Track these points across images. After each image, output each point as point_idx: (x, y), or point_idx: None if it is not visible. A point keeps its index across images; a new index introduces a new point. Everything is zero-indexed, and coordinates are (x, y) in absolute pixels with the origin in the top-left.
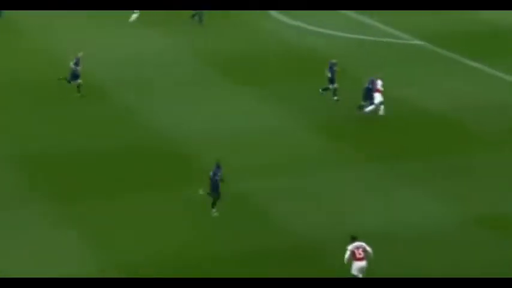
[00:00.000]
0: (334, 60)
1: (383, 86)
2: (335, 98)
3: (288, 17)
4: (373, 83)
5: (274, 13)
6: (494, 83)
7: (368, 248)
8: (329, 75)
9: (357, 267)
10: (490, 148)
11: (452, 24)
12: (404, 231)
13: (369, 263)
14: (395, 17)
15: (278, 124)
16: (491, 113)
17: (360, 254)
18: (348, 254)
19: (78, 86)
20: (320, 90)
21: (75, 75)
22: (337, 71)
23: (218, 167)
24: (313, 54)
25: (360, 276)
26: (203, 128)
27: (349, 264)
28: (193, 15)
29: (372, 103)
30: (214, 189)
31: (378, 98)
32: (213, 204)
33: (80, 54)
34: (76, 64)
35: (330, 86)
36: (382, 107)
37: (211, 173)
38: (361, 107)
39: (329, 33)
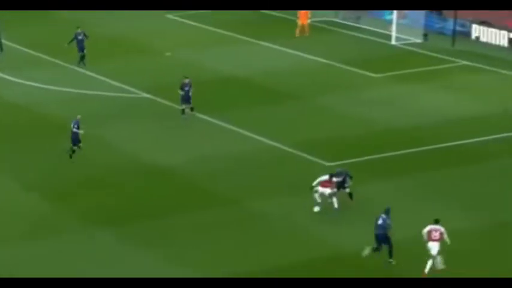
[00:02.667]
0: (186, 81)
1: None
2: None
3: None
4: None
5: None
6: (224, 135)
7: (445, 236)
8: (182, 93)
9: (430, 246)
10: (225, 203)
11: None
12: None
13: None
14: (121, 72)
15: None
16: (227, 167)
17: (435, 236)
18: (425, 230)
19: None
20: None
21: (75, 139)
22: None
23: (387, 213)
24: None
25: (433, 254)
26: None
27: None
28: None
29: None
30: (384, 238)
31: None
32: (390, 253)
33: (78, 117)
34: (77, 127)
35: (184, 106)
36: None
37: (380, 221)
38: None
39: (47, 88)
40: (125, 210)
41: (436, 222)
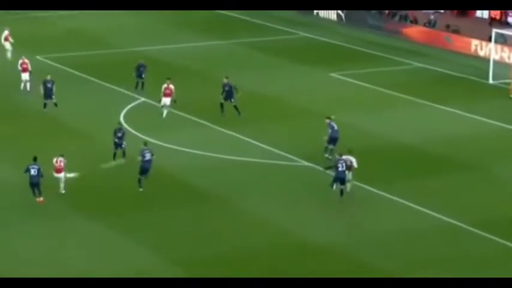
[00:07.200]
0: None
1: None
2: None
3: (149, 135)
4: None
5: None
6: (391, 209)
7: None
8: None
9: None
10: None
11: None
12: None
13: None
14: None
15: None
16: (394, 244)
17: None
18: None
19: None
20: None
21: None
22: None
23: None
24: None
25: None
26: None
27: None
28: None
29: None
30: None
31: None
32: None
33: None
34: None
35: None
36: None
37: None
38: None
39: (206, 155)
40: None
41: None
